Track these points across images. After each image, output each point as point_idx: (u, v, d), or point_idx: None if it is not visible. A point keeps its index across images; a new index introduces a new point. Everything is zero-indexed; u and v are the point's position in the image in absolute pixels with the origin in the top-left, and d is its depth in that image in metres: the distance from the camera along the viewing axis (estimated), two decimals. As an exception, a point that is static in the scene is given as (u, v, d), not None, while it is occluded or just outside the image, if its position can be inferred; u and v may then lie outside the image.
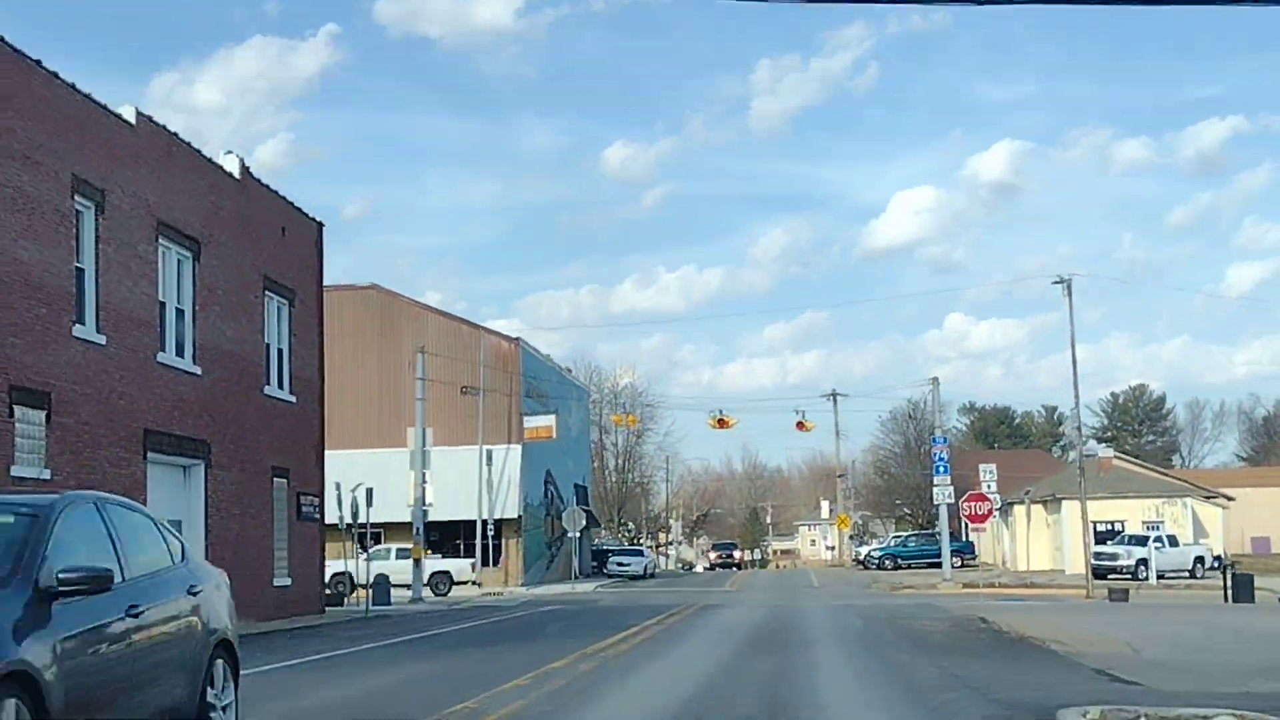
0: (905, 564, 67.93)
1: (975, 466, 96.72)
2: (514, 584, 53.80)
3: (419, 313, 55.09)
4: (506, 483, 53.54)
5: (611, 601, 41.91)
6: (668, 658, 18.81)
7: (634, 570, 66.04)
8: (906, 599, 42.55)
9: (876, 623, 27.56)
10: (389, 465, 54.68)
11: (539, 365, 58.21)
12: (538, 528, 57.29)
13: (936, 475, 51.19)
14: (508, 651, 20.31)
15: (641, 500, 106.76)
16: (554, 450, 61.93)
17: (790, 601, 40.92)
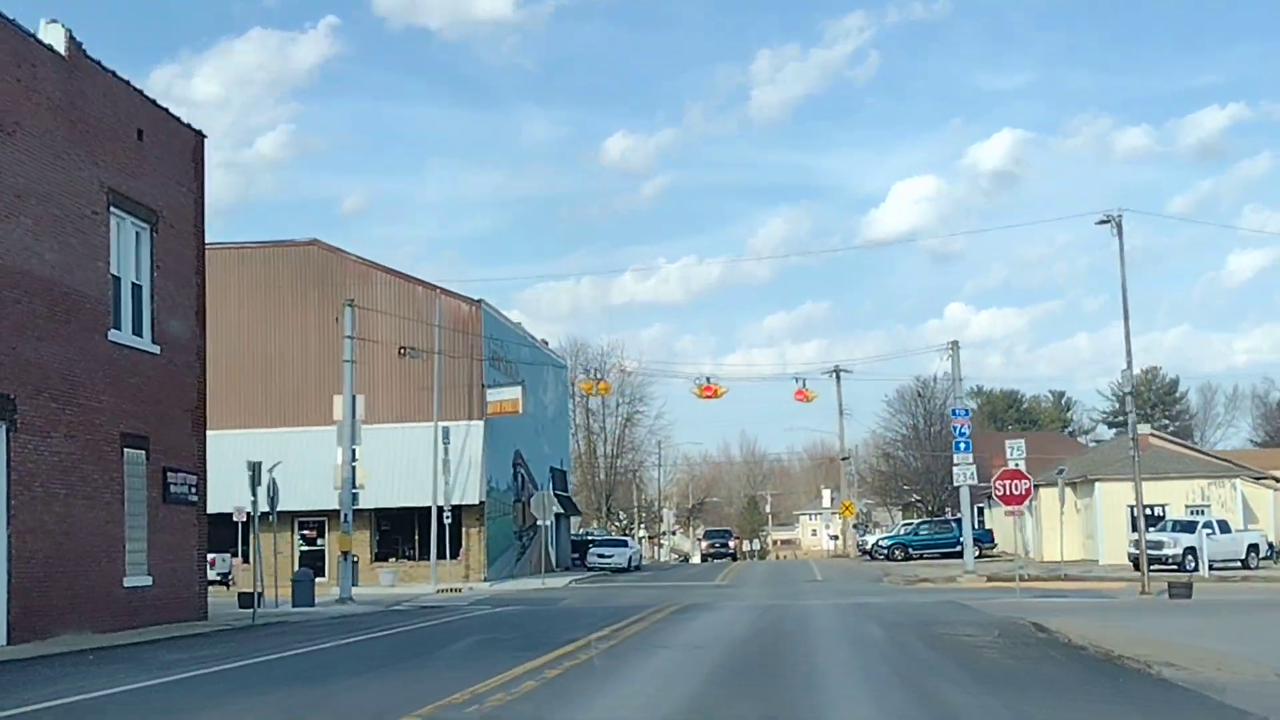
0: (917, 554, 61.42)
1: (989, 448, 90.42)
2: (476, 579, 47.29)
3: (366, 271, 48.56)
4: (467, 464, 47.02)
5: (576, 601, 35.44)
6: (591, 705, 12.28)
7: (617, 562, 59.55)
8: (926, 595, 36.10)
9: (901, 631, 21.07)
10: (331, 444, 48.14)
11: (505, 332, 51.64)
12: (505, 515, 50.79)
13: (957, 453, 44.75)
14: (363, 686, 13.82)
15: (633, 488, 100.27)
16: (525, 429, 55.37)
17: (789, 599, 34.46)
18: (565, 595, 39.56)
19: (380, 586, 45.02)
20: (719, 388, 39.97)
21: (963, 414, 44.63)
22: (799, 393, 41.48)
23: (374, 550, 48.50)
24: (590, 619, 24.50)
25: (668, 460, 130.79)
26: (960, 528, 63.60)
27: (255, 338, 47.66)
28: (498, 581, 47.82)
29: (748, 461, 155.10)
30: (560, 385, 64.69)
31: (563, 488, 63.53)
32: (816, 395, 41.81)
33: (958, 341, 45.41)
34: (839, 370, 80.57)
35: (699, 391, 39.78)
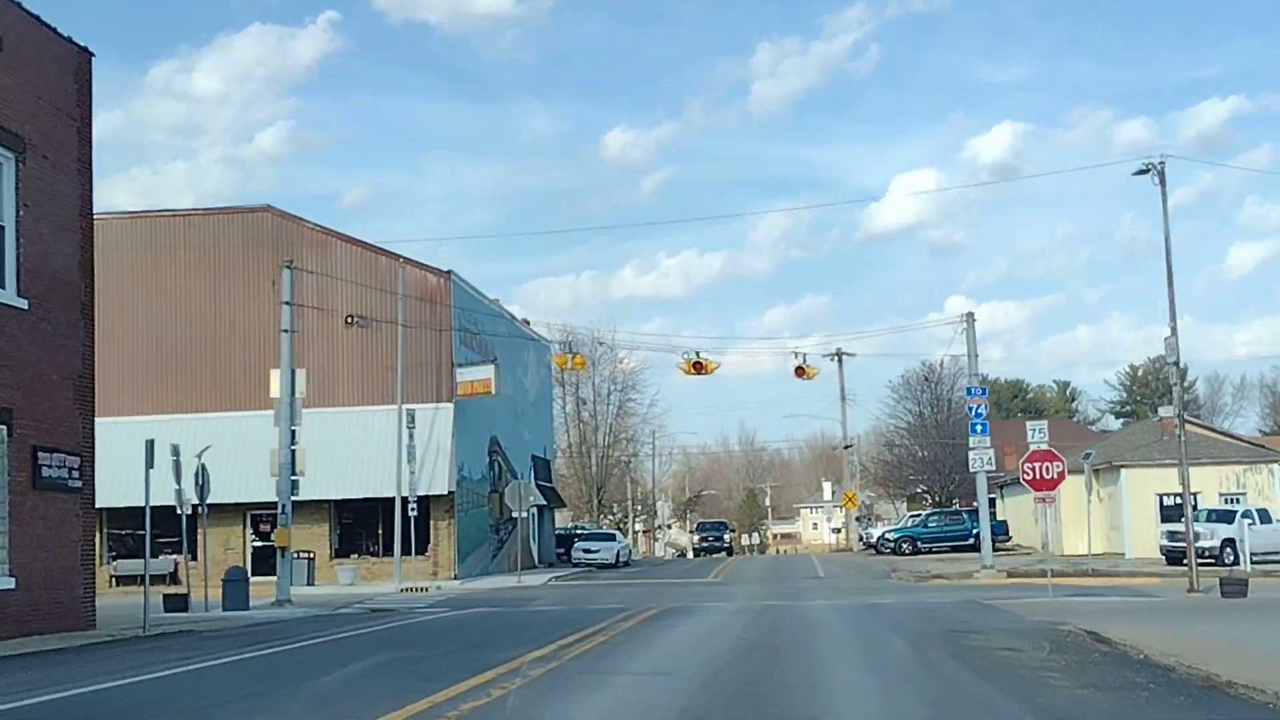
0: (926, 547, 57.28)
1: (999, 437, 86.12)
2: (445, 576, 43.13)
3: (324, 240, 44.32)
4: (435, 451, 42.84)
5: (545, 602, 31.28)
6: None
7: (604, 558, 55.36)
8: (943, 594, 31.96)
9: (928, 644, 16.91)
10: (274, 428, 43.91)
11: (478, 307, 47.42)
12: (479, 507, 46.61)
13: (973, 435, 40.55)
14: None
15: (625, 480, 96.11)
16: (502, 413, 51.17)
17: (788, 599, 30.31)
18: (537, 595, 35.39)
19: (339, 586, 40.90)
20: (709, 363, 35.78)
21: (979, 392, 40.44)
22: (799, 369, 37.20)
23: (334, 546, 44.32)
24: (545, 628, 20.35)
25: (664, 452, 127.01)
26: (973, 519, 59.39)
27: (204, 314, 43.44)
28: (469, 579, 43.65)
29: (746, 453, 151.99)
30: (543, 367, 60.44)
31: (546, 478, 59.34)
32: (817, 372, 37.70)
33: (973, 314, 41.33)
34: (841, 353, 76.46)
35: (687, 367, 35.55)
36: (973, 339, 41.10)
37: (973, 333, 41.14)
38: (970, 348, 40.98)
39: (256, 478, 42.48)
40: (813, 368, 37.71)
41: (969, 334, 41.02)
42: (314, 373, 43.73)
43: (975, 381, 40.70)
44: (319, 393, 43.84)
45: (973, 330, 41.15)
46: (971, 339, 41.07)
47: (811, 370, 37.50)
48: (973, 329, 41.16)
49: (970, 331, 41.07)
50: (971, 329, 41.12)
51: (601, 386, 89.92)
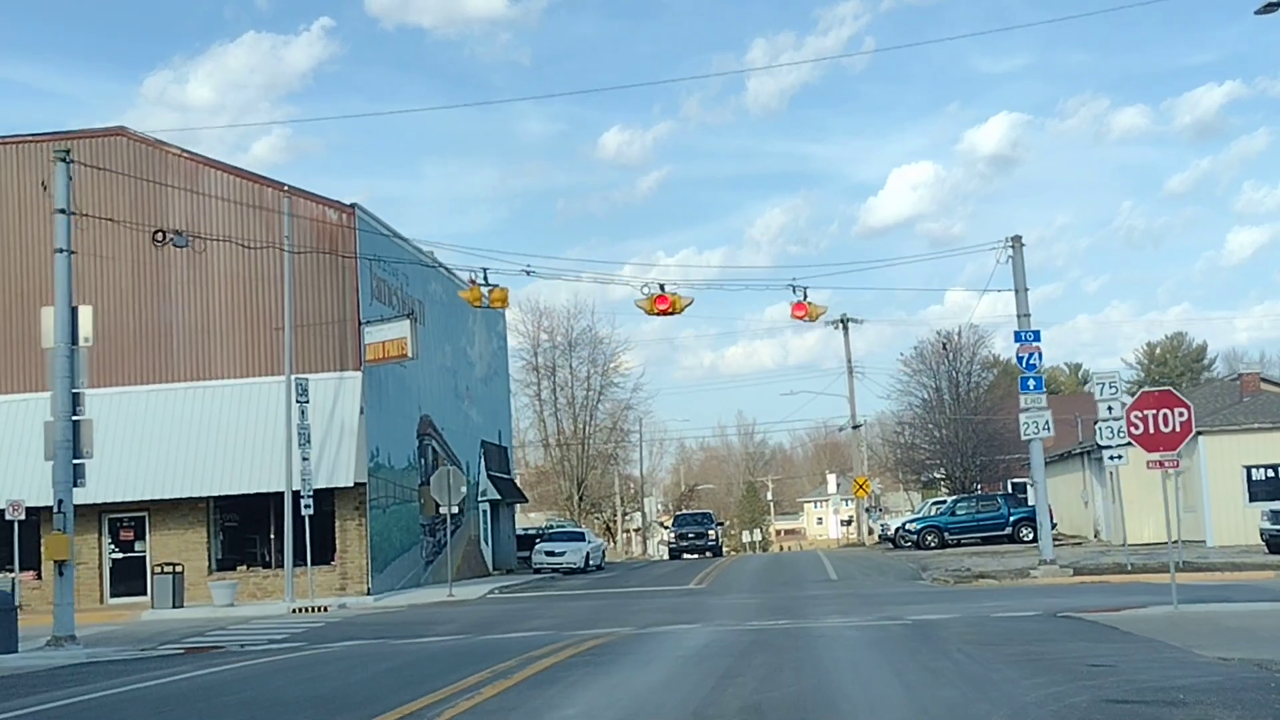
0: (954, 540, 48.08)
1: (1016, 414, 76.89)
2: (357, 590, 33.96)
3: (194, 169, 35.10)
4: (339, 432, 33.66)
5: (449, 631, 22.19)
6: None
7: (569, 562, 46.17)
8: (1004, 601, 22.94)
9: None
10: (140, 409, 34.81)
11: (398, 254, 38.07)
12: (404, 502, 37.38)
13: (1025, 393, 31.45)
14: None
15: (614, 474, 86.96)
16: (438, 389, 41.97)
17: (793, 617, 21.28)
18: (452, 618, 26.21)
19: (214, 607, 31.75)
20: (677, 299, 26.59)
21: (1030, 336, 31.27)
22: (798, 306, 28.05)
23: (215, 556, 35.10)
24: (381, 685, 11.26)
25: (655, 442, 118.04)
26: (1009, 504, 50.09)
27: (33, 261, 34.10)
28: (388, 594, 34.48)
29: (745, 445, 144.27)
30: (496, 338, 51.21)
31: (501, 468, 50.12)
32: (823, 310, 28.46)
33: (1020, 237, 32.18)
34: (847, 319, 67.35)
35: (650, 305, 26.41)
36: (1020, 270, 31.93)
37: (1020, 260, 31.98)
38: (1017, 279, 31.83)
39: (116, 470, 33.44)
40: (817, 306, 28.50)
41: (1015, 262, 31.85)
42: (187, 337, 34.63)
43: (1025, 324, 31.52)
44: (192, 362, 34.74)
45: (1020, 257, 31.99)
46: (1019, 269, 31.90)
47: (816, 309, 28.34)
48: (1020, 256, 32.00)
49: (1017, 259, 31.90)
50: (1019, 256, 31.95)
51: (580, 369, 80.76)
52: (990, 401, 71.00)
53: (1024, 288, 31.98)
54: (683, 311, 26.90)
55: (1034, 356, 31.58)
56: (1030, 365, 31.59)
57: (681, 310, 26.91)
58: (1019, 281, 31.95)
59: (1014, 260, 31.97)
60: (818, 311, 28.97)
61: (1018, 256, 32.01)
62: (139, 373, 34.57)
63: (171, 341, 34.78)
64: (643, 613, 24.55)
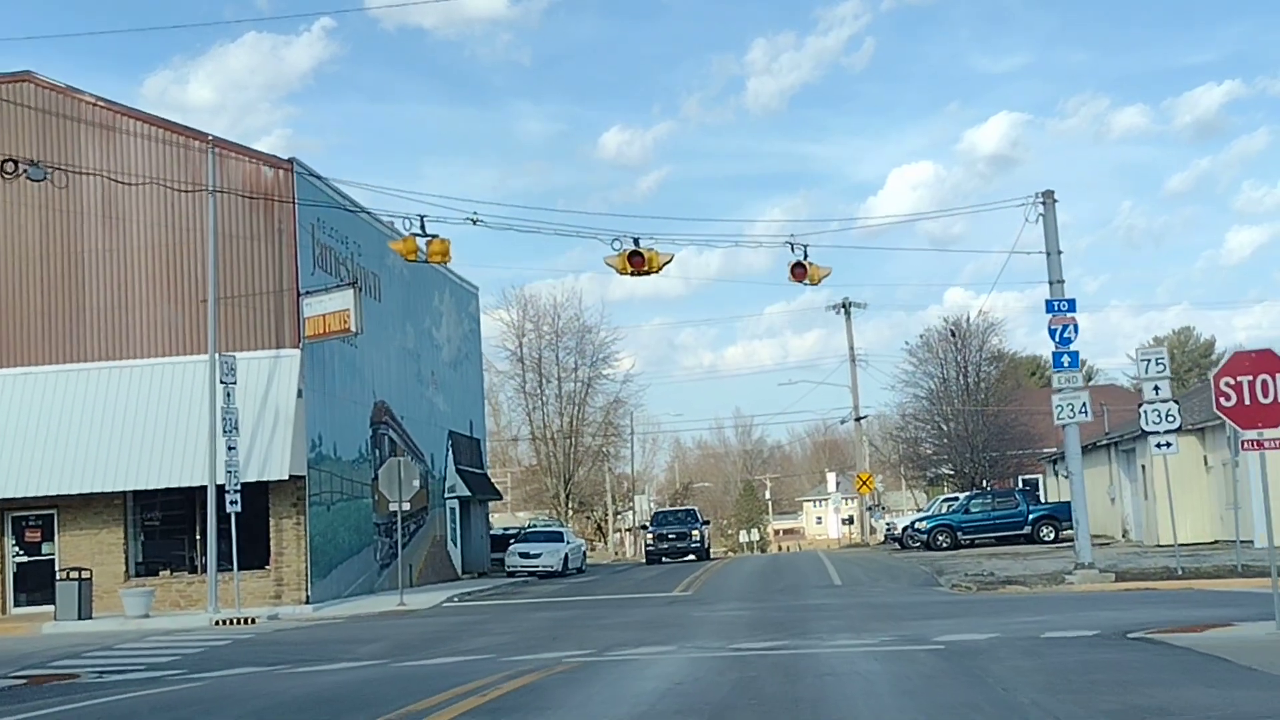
0: (968, 540, 43.96)
1: (1030, 401, 72.61)
2: (295, 598, 29.79)
3: (111, 119, 30.91)
4: (273, 419, 29.47)
5: (369, 656, 18.02)
6: None
7: (545, 564, 42.07)
8: (1046, 614, 18.86)
9: None
10: (47, 392, 30.65)
11: (346, 220, 33.83)
12: (353, 498, 33.20)
13: (1058, 371, 27.34)
14: None
15: (596, 469, 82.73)
16: (395, 372, 37.80)
17: (793, 636, 17.13)
18: (387, 634, 22.02)
19: (125, 618, 27.61)
20: (654, 255, 22.42)
21: (1064, 307, 27.09)
22: (797, 268, 23.85)
23: (134, 560, 30.88)
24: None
25: (648, 439, 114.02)
26: (1027, 500, 45.91)
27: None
28: (330, 602, 30.32)
29: (743, 443, 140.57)
30: (468, 320, 46.98)
31: (473, 461, 45.91)
32: (826, 273, 24.25)
33: (1053, 192, 28.06)
34: (848, 304, 63.16)
35: (622, 263, 22.25)
36: (1053, 228, 27.74)
37: (1052, 219, 27.77)
38: (1049, 240, 27.64)
39: (19, 462, 29.32)
40: (819, 268, 24.32)
41: (1047, 220, 27.65)
42: (102, 310, 30.44)
43: (1059, 291, 27.32)
44: (108, 339, 30.58)
45: (1052, 215, 27.79)
46: (1051, 228, 27.70)
47: (818, 270, 24.16)
48: (1052, 213, 27.79)
49: (1049, 217, 27.69)
50: (1051, 213, 27.74)
51: (568, 360, 76.49)
52: (1001, 393, 66.85)
53: (1056, 250, 27.80)
54: (660, 270, 22.71)
55: (1068, 329, 27.41)
56: (1064, 339, 27.41)
57: (659, 269, 22.73)
58: (1051, 243, 27.77)
59: (1045, 219, 27.78)
60: (820, 274, 24.79)
61: (1049, 214, 27.82)
62: (46, 351, 30.42)
63: (84, 316, 30.60)
64: (610, 629, 20.39)
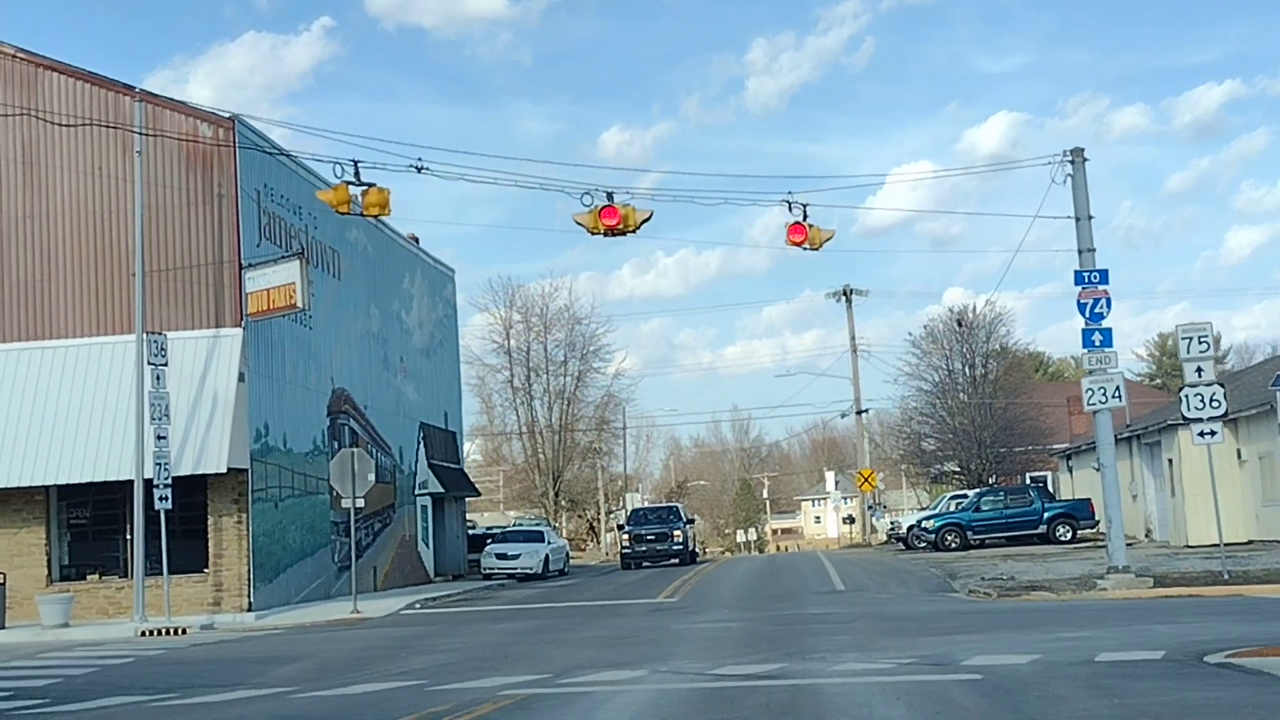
0: (978, 539, 40.92)
1: (1044, 394, 69.63)
2: (236, 605, 26.71)
3: (30, 73, 27.77)
4: (209, 405, 26.39)
5: (275, 683, 14.93)
6: None
7: (524, 566, 39.06)
8: (1099, 632, 15.83)
9: None
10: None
11: (298, 188, 30.70)
12: (309, 494, 30.13)
13: (1089, 350, 24.35)
14: None
15: (586, 466, 79.71)
16: (359, 357, 34.73)
17: (789, 659, 14.13)
18: (319, 651, 18.98)
19: (41, 628, 24.59)
20: (630, 212, 19.39)
21: (1096, 279, 24.07)
22: (795, 229, 20.77)
23: (59, 562, 27.76)
24: None
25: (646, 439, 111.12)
26: (1042, 497, 42.85)
27: None
28: (276, 609, 27.27)
29: (740, 441, 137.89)
30: (443, 304, 43.88)
31: (448, 456, 42.83)
32: (829, 236, 21.20)
33: (1082, 150, 25.06)
34: (849, 291, 60.13)
35: (593, 221, 19.20)
36: (1082, 190, 24.68)
37: (1082, 179, 24.70)
38: (1079, 204, 24.58)
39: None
40: (820, 229, 21.27)
41: (1076, 181, 24.58)
42: (22, 285, 27.37)
43: (1089, 260, 24.28)
44: (28, 317, 27.51)
45: (1082, 175, 24.73)
46: (1080, 190, 24.64)
47: (820, 233, 21.13)
48: (1082, 174, 24.73)
49: (1078, 177, 24.61)
50: (1080, 174, 24.67)
51: (557, 353, 73.42)
52: (1009, 386, 63.82)
53: (1086, 215, 24.73)
54: (638, 229, 19.66)
55: (1100, 303, 24.37)
56: (1095, 314, 24.37)
57: (636, 227, 19.68)
58: (1080, 207, 24.71)
59: (1074, 179, 24.71)
60: (821, 236, 21.74)
61: (1079, 175, 24.75)
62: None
63: (2, 291, 27.51)
64: (575, 645, 17.35)
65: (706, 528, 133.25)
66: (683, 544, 42.85)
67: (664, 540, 42.65)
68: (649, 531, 42.98)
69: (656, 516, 45.15)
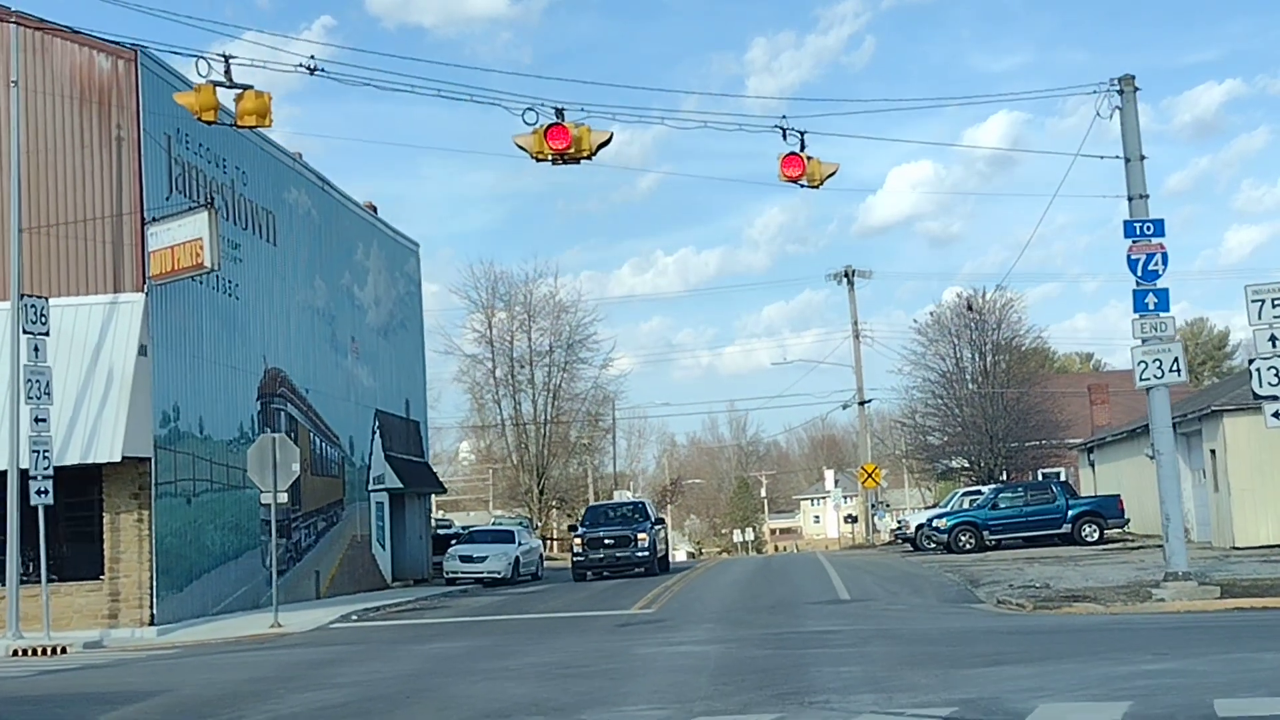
0: (994, 540, 37.00)
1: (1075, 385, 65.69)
2: (136, 619, 22.75)
3: (-102, -4, 23.87)
4: (103, 384, 22.43)
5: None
6: None
7: (491, 570, 35.16)
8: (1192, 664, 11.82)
9: None
10: None
11: (224, 139, 26.70)
12: (234, 488, 26.14)
13: (1141, 314, 20.53)
14: None
15: (574, 463, 75.77)
16: (300, 335, 30.76)
17: (782, 706, 9.97)
18: (182, 683, 15.07)
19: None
20: (584, 133, 15.48)
21: (1151, 230, 20.24)
22: (791, 161, 16.76)
23: (-70, 566, 23.75)
24: None
25: (638, 435, 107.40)
26: (1065, 493, 38.93)
27: None
28: (186, 622, 23.34)
29: (737, 439, 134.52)
30: (404, 280, 39.89)
31: (410, 448, 38.87)
32: (832, 171, 17.22)
33: (1133, 77, 21.16)
34: (851, 272, 56.20)
35: (538, 143, 15.24)
36: (1133, 125, 20.76)
37: (1133, 112, 20.78)
38: (1129, 142, 20.68)
39: None
40: (821, 163, 17.35)
41: (1125, 115, 20.67)
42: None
43: (1141, 209, 20.41)
44: (-106, 281, 23.49)
45: (1132, 108, 20.80)
46: (1131, 125, 20.73)
47: (820, 167, 17.20)
48: (1133, 106, 20.80)
49: (1128, 110, 20.69)
50: (1131, 106, 20.74)
51: (541, 342, 69.36)
52: (1021, 376, 59.91)
53: (1138, 155, 20.83)
54: (594, 154, 15.73)
55: (1154, 259, 20.53)
56: (1149, 272, 20.53)
57: (592, 152, 15.78)
58: (1131, 145, 20.80)
59: (1123, 113, 20.81)
60: (823, 171, 17.79)
61: (1128, 107, 20.83)
62: None
63: None
64: (506, 677, 13.42)
65: (703, 527, 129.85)
66: (649, 549, 34.64)
67: (625, 545, 34.48)
68: (607, 534, 34.88)
69: (618, 515, 36.87)
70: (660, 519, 38.39)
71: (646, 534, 34.76)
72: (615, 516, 36.79)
